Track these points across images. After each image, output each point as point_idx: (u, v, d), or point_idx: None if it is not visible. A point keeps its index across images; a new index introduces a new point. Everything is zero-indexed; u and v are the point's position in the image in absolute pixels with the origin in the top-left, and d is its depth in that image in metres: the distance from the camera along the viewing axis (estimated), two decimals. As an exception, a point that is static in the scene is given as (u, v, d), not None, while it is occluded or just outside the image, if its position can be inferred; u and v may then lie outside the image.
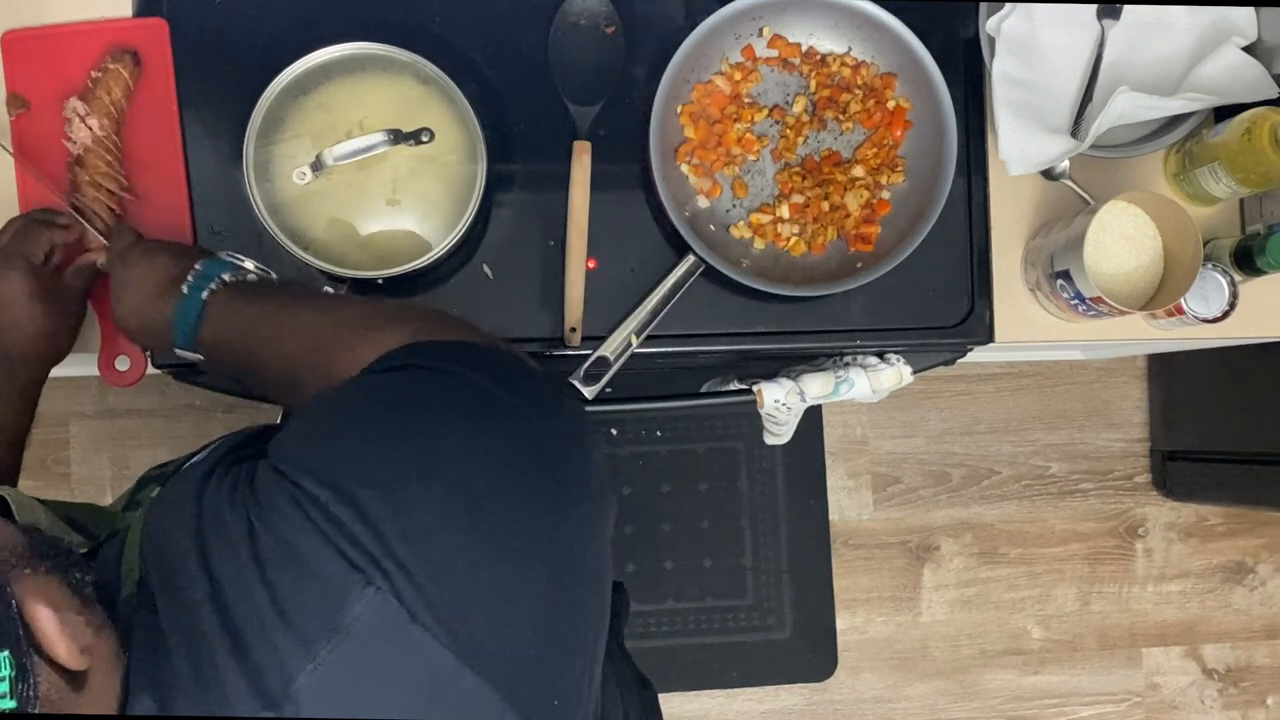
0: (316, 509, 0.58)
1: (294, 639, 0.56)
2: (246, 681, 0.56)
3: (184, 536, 0.62)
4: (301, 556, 0.58)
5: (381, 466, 0.61)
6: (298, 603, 0.57)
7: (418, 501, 0.59)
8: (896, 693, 2.01)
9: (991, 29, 1.09)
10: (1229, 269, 1.09)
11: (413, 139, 0.99)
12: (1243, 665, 2.07)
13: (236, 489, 0.62)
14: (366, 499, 0.58)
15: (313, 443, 0.65)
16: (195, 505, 0.63)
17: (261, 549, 0.59)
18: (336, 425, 0.66)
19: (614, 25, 1.08)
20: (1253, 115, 1.05)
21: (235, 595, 0.58)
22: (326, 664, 0.56)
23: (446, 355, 0.70)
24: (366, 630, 0.56)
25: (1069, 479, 2.06)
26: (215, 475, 0.65)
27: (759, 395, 1.13)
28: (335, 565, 0.57)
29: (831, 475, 2.01)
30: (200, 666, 0.58)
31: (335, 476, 0.60)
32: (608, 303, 1.06)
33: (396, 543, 0.57)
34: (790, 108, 1.10)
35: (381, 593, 0.56)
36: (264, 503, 0.60)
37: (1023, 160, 1.07)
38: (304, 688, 0.56)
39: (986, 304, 1.12)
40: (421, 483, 0.60)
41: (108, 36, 1.05)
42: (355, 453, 0.62)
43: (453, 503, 0.60)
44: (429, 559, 0.58)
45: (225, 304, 0.85)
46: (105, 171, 1.02)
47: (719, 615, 1.96)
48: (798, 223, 1.08)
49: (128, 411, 1.88)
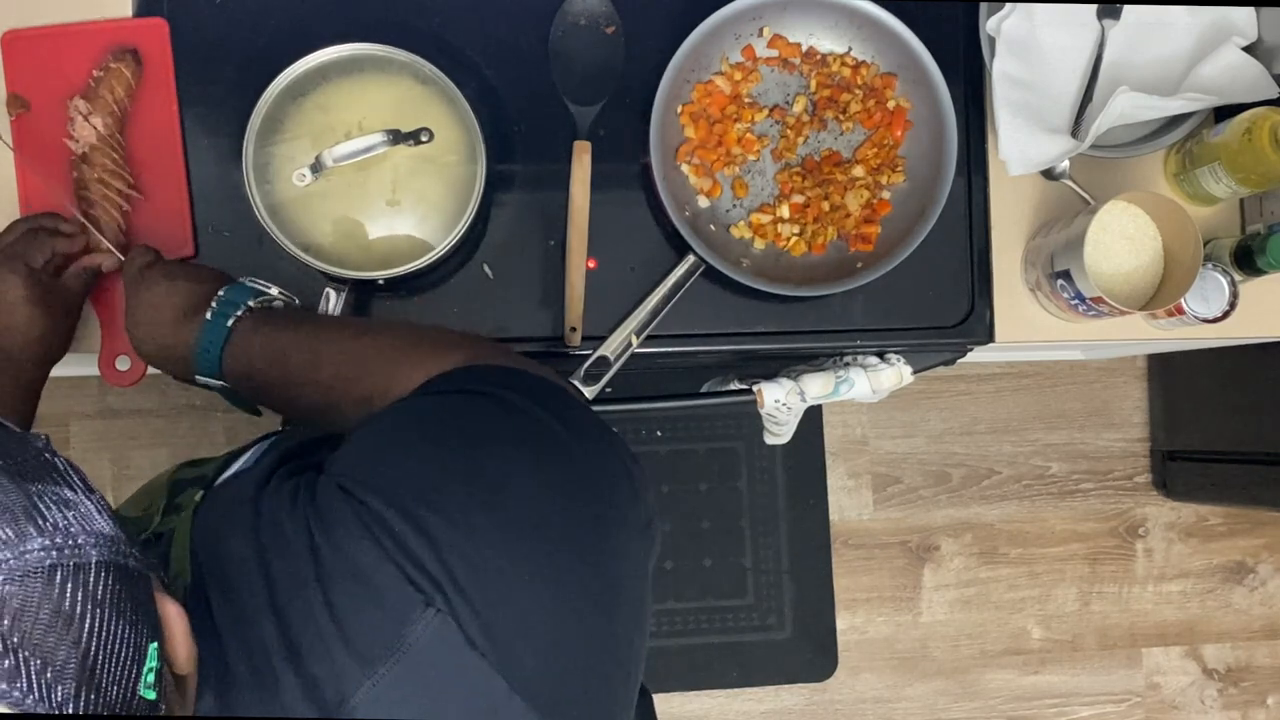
0: (381, 528, 0.59)
1: (353, 655, 0.57)
2: (303, 691, 0.57)
3: (242, 544, 0.63)
4: (364, 574, 0.59)
5: (445, 490, 0.62)
6: (358, 619, 0.58)
7: (478, 527, 0.60)
8: (896, 693, 2.01)
9: (991, 29, 1.09)
10: (1229, 269, 1.09)
11: (412, 139, 0.99)
12: (1243, 665, 2.07)
13: (297, 500, 0.63)
14: (431, 522, 0.59)
15: (377, 461, 0.66)
16: (253, 514, 0.64)
17: (323, 563, 0.59)
18: (397, 445, 0.67)
19: (614, 25, 1.08)
20: (1253, 115, 1.05)
21: (295, 606, 0.59)
22: (384, 682, 0.57)
23: (502, 383, 0.71)
24: (424, 651, 0.57)
25: (1069, 479, 2.06)
26: (272, 484, 0.66)
27: (759, 395, 1.13)
28: (397, 584, 0.58)
29: (831, 475, 2.01)
30: (258, 671, 0.58)
31: (400, 497, 0.61)
32: (608, 303, 1.06)
33: (458, 567, 0.58)
34: (790, 108, 1.10)
35: (441, 615, 0.57)
36: (327, 517, 0.61)
37: (1023, 160, 1.07)
38: (360, 704, 0.57)
39: (986, 304, 1.12)
40: (483, 510, 0.61)
41: (108, 36, 1.05)
42: (419, 474, 0.63)
43: (511, 532, 0.61)
44: (486, 585, 0.59)
45: (253, 331, 0.84)
46: (112, 169, 1.02)
47: (719, 615, 1.96)
48: (798, 223, 1.08)
49: (128, 411, 1.88)
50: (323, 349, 0.82)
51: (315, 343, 0.83)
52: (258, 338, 0.84)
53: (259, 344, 0.84)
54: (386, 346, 0.78)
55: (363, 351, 0.79)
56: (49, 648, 0.47)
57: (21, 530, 0.48)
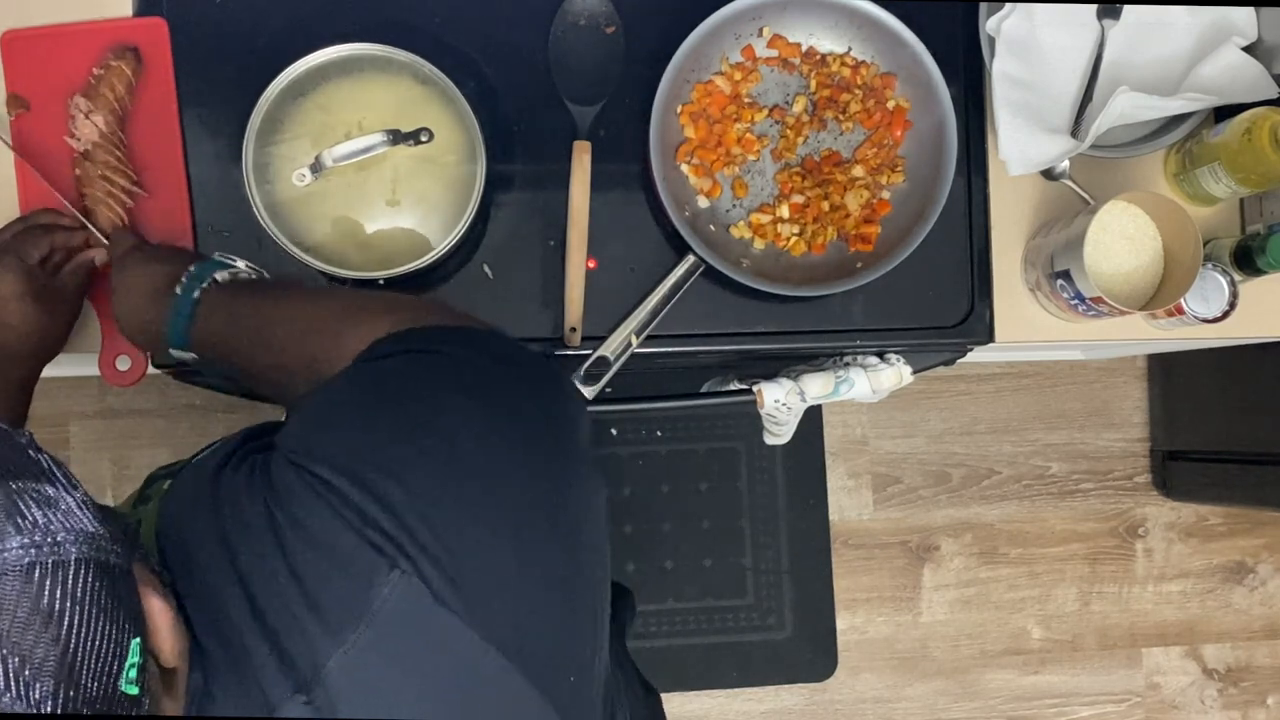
0: (336, 496, 0.59)
1: (322, 625, 0.57)
2: (272, 663, 0.57)
3: (203, 526, 0.63)
4: (326, 543, 0.59)
5: (393, 450, 0.62)
6: (324, 589, 0.58)
7: (431, 484, 0.60)
8: (896, 693, 2.01)
9: (991, 29, 1.09)
10: (1229, 269, 1.09)
11: (412, 139, 0.99)
12: (1243, 665, 2.07)
13: (252, 478, 0.63)
14: (384, 485, 0.59)
15: (322, 430, 0.66)
16: (211, 495, 0.64)
17: (284, 537, 0.60)
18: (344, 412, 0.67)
19: (614, 25, 1.08)
20: (1253, 115, 1.05)
21: (260, 582, 0.59)
22: (356, 648, 0.57)
23: (442, 339, 0.71)
24: (394, 613, 0.57)
25: (1069, 479, 2.06)
26: (229, 466, 0.66)
27: (759, 395, 1.13)
28: (360, 551, 0.58)
29: (831, 475, 2.01)
30: (231, 649, 0.59)
31: (350, 463, 0.61)
32: (608, 303, 1.06)
33: (417, 526, 0.58)
34: (790, 108, 1.10)
35: (407, 575, 0.57)
36: (281, 492, 0.61)
37: (1023, 160, 1.07)
38: (334, 671, 0.57)
39: (986, 304, 1.12)
40: (435, 464, 0.61)
41: (108, 36, 1.05)
42: (366, 438, 0.63)
43: (466, 484, 0.61)
44: (448, 540, 0.59)
45: (215, 301, 0.87)
46: (115, 166, 1.02)
47: (719, 615, 1.96)
48: (798, 223, 1.08)
49: (128, 411, 1.88)
50: (273, 314, 0.83)
51: (267, 308, 0.84)
52: (219, 307, 0.87)
53: (220, 312, 0.87)
54: (332, 311, 0.79)
55: (310, 316, 0.80)
56: (27, 645, 0.47)
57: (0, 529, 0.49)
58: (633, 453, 1.95)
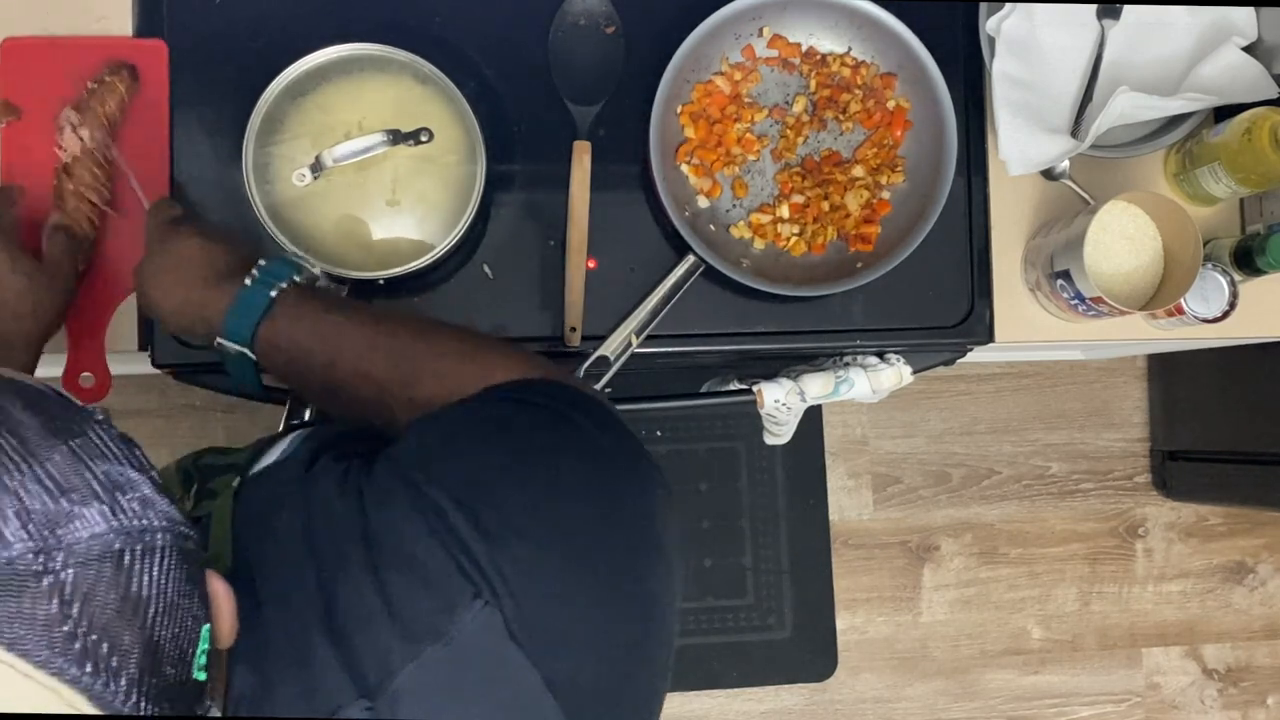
0: (438, 518, 0.61)
1: (400, 635, 0.58)
2: (340, 665, 0.58)
3: (289, 522, 0.64)
4: (417, 559, 0.60)
5: (502, 490, 0.64)
6: (408, 601, 0.59)
7: (532, 530, 0.62)
8: (896, 693, 2.01)
9: (991, 29, 1.09)
10: (1229, 269, 1.09)
11: (412, 139, 0.99)
12: (1243, 665, 2.07)
13: (347, 480, 0.65)
14: (487, 518, 0.61)
15: (439, 454, 0.67)
16: (300, 494, 0.66)
17: (374, 542, 0.61)
18: (462, 442, 0.69)
19: (614, 25, 1.08)
20: (1253, 115, 1.05)
21: (341, 581, 0.60)
22: (428, 664, 0.58)
23: (561, 399, 0.72)
24: (470, 639, 0.59)
25: (1069, 479, 2.06)
26: (320, 465, 0.68)
27: (759, 395, 1.13)
28: (448, 572, 0.60)
29: (831, 475, 2.00)
30: (297, 646, 0.59)
31: (459, 490, 0.62)
32: (608, 303, 1.06)
33: (508, 564, 0.60)
34: (790, 108, 1.10)
35: (489, 607, 0.59)
36: (383, 498, 0.63)
37: (1023, 160, 1.07)
38: (403, 683, 0.58)
39: (986, 304, 1.12)
40: (536, 515, 0.63)
41: (107, 52, 1.04)
42: (479, 472, 0.65)
43: (562, 538, 0.63)
44: (532, 585, 0.60)
45: (298, 307, 0.83)
46: (90, 183, 1.00)
47: (719, 615, 1.96)
48: (798, 223, 1.08)
49: (128, 411, 1.88)
50: (380, 341, 0.80)
51: (372, 335, 0.81)
52: (305, 314, 0.82)
53: (306, 321, 0.82)
54: (448, 352, 0.79)
55: (423, 354, 0.79)
56: (115, 632, 0.48)
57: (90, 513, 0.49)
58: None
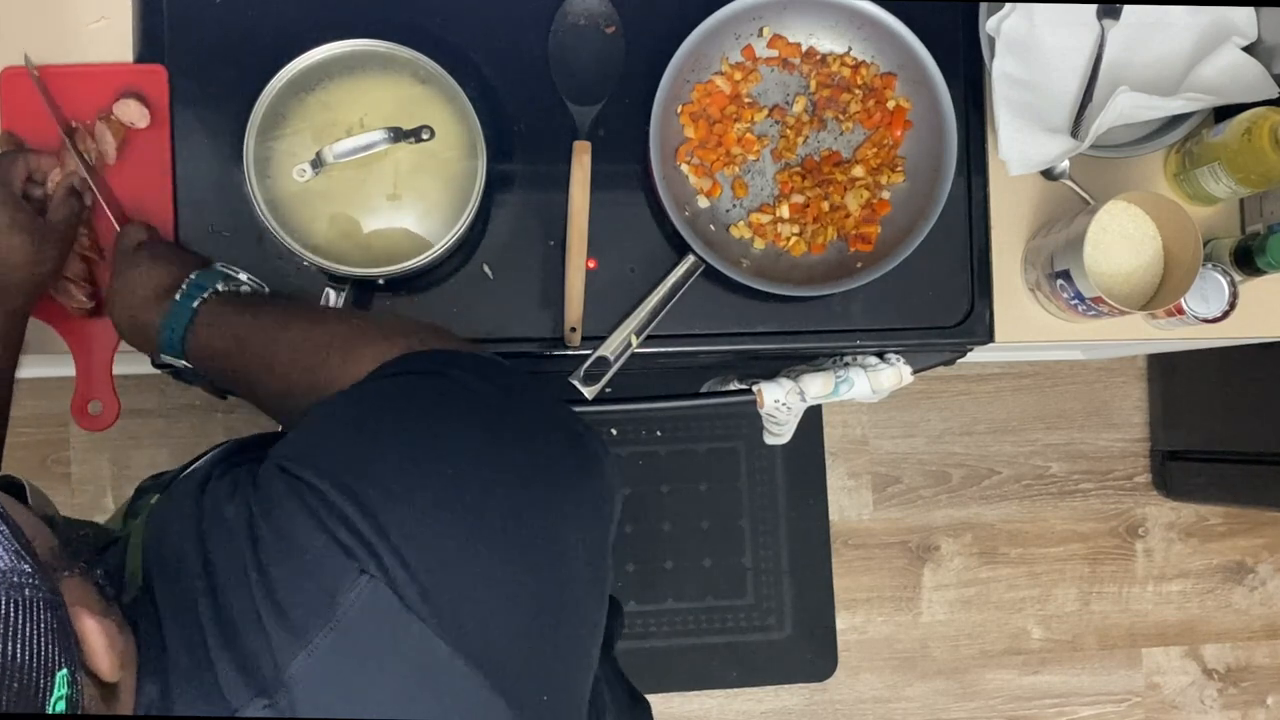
0: (316, 498, 0.60)
1: (286, 627, 0.57)
2: (236, 668, 0.57)
3: (185, 534, 0.63)
4: (298, 545, 0.59)
5: (383, 461, 0.63)
6: (292, 591, 0.58)
7: (414, 495, 0.61)
8: (896, 693, 2.01)
9: (991, 29, 1.09)
10: (1229, 269, 1.09)
11: (413, 137, 0.99)
12: (1243, 665, 2.07)
13: (238, 486, 0.64)
14: (366, 492, 0.60)
15: (315, 442, 0.67)
16: (196, 505, 0.65)
17: (260, 541, 0.60)
18: (338, 426, 0.68)
19: (614, 25, 1.08)
20: (1253, 115, 1.05)
21: (230, 586, 0.59)
22: (320, 650, 0.57)
23: (443, 362, 0.72)
24: (360, 617, 0.57)
25: (1069, 479, 2.06)
26: (214, 477, 0.67)
27: (759, 395, 1.13)
28: (330, 553, 0.58)
29: (831, 475, 2.01)
30: (194, 655, 0.59)
31: (336, 470, 0.61)
32: (608, 303, 1.06)
33: (392, 532, 0.59)
34: (790, 108, 1.10)
35: (375, 581, 0.58)
36: (265, 497, 0.62)
37: (1023, 160, 1.07)
38: (298, 674, 0.57)
39: (986, 304, 1.12)
40: (423, 479, 0.62)
41: (108, 80, 1.04)
42: (356, 451, 0.64)
43: (449, 498, 0.61)
44: (424, 550, 0.59)
45: (215, 314, 0.87)
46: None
47: (719, 615, 1.96)
48: (798, 223, 1.08)
49: (128, 412, 1.86)
50: (280, 335, 0.84)
51: (272, 330, 0.85)
52: (220, 321, 0.87)
53: (220, 326, 0.87)
54: (339, 336, 0.80)
55: (316, 341, 0.81)
56: None
57: None
58: (633, 453, 1.95)
